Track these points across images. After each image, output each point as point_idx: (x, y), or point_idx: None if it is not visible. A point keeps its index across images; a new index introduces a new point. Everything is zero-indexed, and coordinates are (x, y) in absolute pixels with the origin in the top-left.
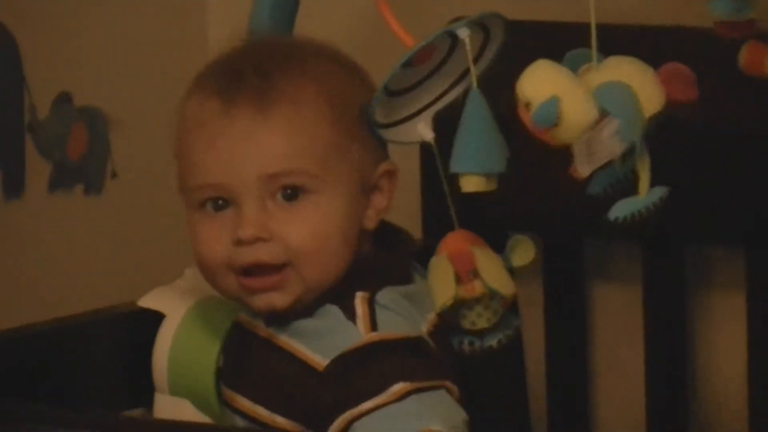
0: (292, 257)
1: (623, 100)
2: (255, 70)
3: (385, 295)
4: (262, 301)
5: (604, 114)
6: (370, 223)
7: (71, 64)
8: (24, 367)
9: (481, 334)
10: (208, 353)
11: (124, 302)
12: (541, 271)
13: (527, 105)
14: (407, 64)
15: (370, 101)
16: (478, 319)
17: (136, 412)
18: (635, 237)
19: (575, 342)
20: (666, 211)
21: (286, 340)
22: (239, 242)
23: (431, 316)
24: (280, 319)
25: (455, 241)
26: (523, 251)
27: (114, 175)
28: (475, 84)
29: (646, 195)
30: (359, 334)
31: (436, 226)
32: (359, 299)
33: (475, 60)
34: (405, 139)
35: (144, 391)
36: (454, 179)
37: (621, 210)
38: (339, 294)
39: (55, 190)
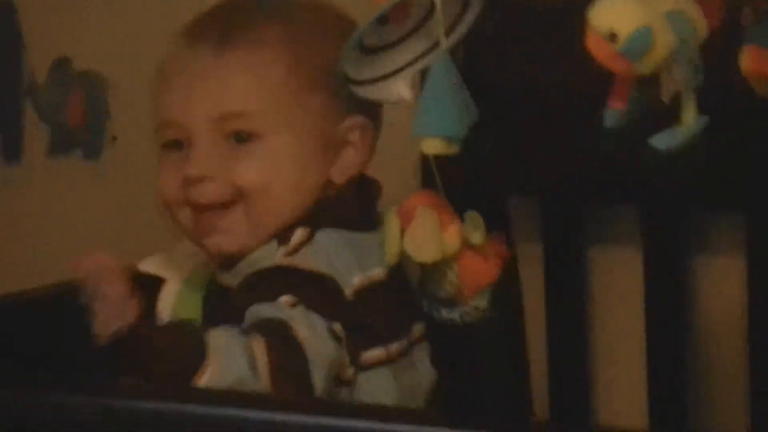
0: (238, 197)
1: (690, 28)
2: (223, 19)
3: (324, 235)
4: (212, 244)
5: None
6: (339, 177)
7: (70, 28)
8: (22, 331)
9: (449, 304)
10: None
11: (124, 266)
12: (541, 237)
13: (611, 36)
14: (382, 21)
15: None
16: (449, 287)
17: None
18: (684, 180)
19: (575, 309)
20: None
21: (231, 281)
22: (187, 180)
23: (376, 271)
24: (232, 264)
25: (413, 198)
26: (474, 229)
27: (113, 138)
28: (444, 45)
29: (692, 123)
30: (278, 259)
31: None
32: (297, 233)
33: (452, 26)
34: (381, 97)
35: None
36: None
37: (666, 141)
38: (285, 230)
39: (54, 154)
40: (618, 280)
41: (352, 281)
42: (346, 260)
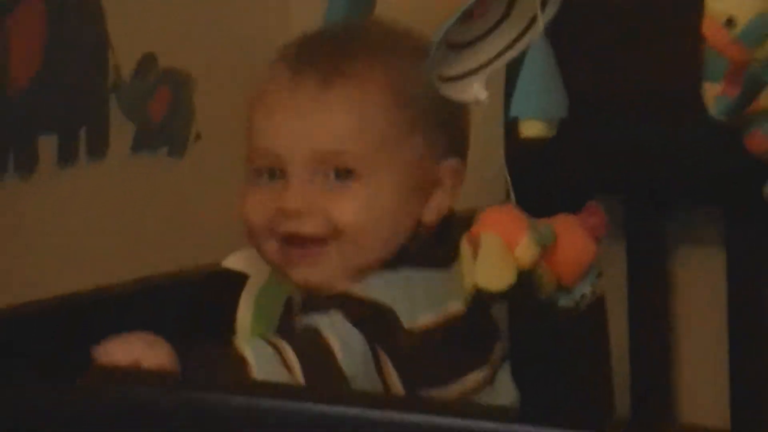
0: (333, 234)
1: None
2: (326, 50)
3: (394, 273)
4: (298, 274)
5: None
6: (429, 218)
7: (156, 25)
8: (105, 327)
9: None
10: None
11: (208, 263)
12: (625, 235)
13: (729, 22)
14: (466, 15)
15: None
16: (547, 287)
17: None
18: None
19: (658, 309)
20: None
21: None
22: (283, 212)
23: (453, 306)
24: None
25: (478, 224)
26: (541, 237)
27: (198, 137)
28: (541, 27)
29: None
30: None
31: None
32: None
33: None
34: (462, 96)
35: None
36: (513, 128)
37: None
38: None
39: (139, 151)
40: (701, 281)
41: (418, 318)
42: (414, 297)
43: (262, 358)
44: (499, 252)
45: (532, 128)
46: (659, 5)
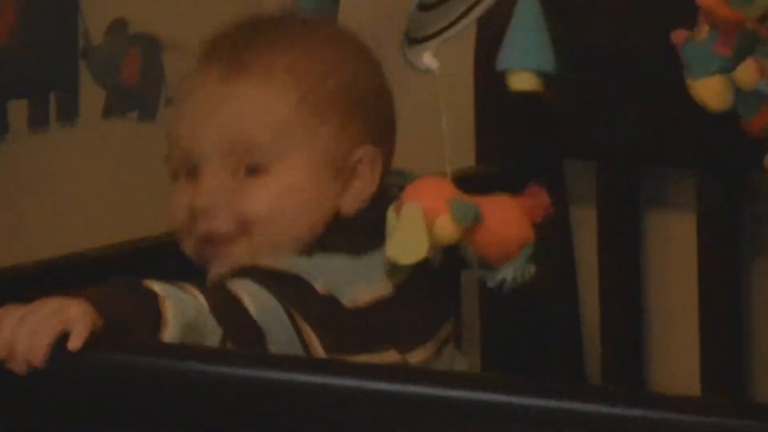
0: (245, 229)
1: None
2: (230, 44)
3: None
4: (212, 272)
5: None
6: (348, 208)
7: None
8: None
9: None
10: None
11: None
12: (596, 199)
13: None
14: None
15: (367, 87)
16: (473, 263)
17: None
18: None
19: (629, 273)
20: None
21: None
22: (194, 210)
23: (379, 286)
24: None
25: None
26: (460, 218)
27: (168, 101)
28: None
29: None
30: None
31: (489, 153)
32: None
33: None
34: (418, 63)
35: None
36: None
37: None
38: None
39: (110, 115)
40: (673, 244)
41: (350, 293)
42: (330, 277)
43: (171, 290)
44: (415, 224)
45: (521, 81)
46: None
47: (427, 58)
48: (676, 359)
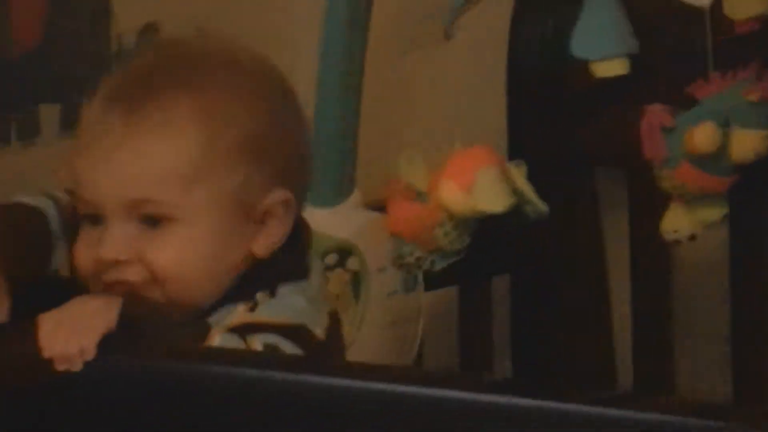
0: (156, 279)
1: None
2: (131, 86)
3: (285, 291)
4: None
5: None
6: (261, 251)
7: None
8: None
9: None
10: None
11: None
12: (627, 204)
13: None
14: None
15: (278, 129)
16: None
17: None
18: None
19: (659, 275)
20: None
21: None
22: (101, 263)
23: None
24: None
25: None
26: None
27: None
28: None
29: None
30: (243, 316)
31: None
32: (258, 296)
33: None
34: None
35: None
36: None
37: None
38: (241, 294)
39: None
40: (703, 250)
41: (321, 322)
42: (309, 311)
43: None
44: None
45: (609, 68)
46: None
47: None
48: (706, 363)
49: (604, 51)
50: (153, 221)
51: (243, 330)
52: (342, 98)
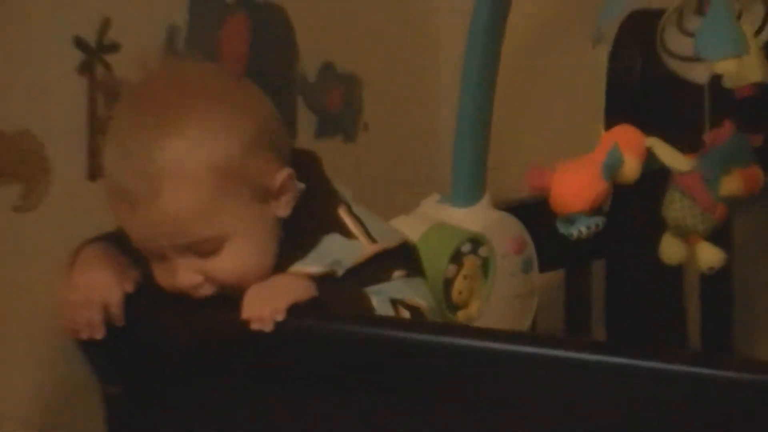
0: (226, 288)
1: None
2: (140, 149)
3: (370, 218)
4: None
5: None
6: (284, 212)
7: (334, 38)
8: None
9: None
10: (438, 265)
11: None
12: None
13: None
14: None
15: (271, 129)
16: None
17: None
18: None
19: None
20: None
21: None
22: (178, 288)
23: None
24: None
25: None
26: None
27: (365, 126)
28: None
29: None
30: (369, 248)
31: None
32: (343, 212)
33: None
34: (684, 74)
35: None
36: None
37: None
38: (294, 250)
39: (320, 137)
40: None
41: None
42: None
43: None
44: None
45: (728, 66)
46: None
47: (701, 75)
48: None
49: (722, 53)
50: (205, 254)
51: (382, 277)
52: (483, 104)
